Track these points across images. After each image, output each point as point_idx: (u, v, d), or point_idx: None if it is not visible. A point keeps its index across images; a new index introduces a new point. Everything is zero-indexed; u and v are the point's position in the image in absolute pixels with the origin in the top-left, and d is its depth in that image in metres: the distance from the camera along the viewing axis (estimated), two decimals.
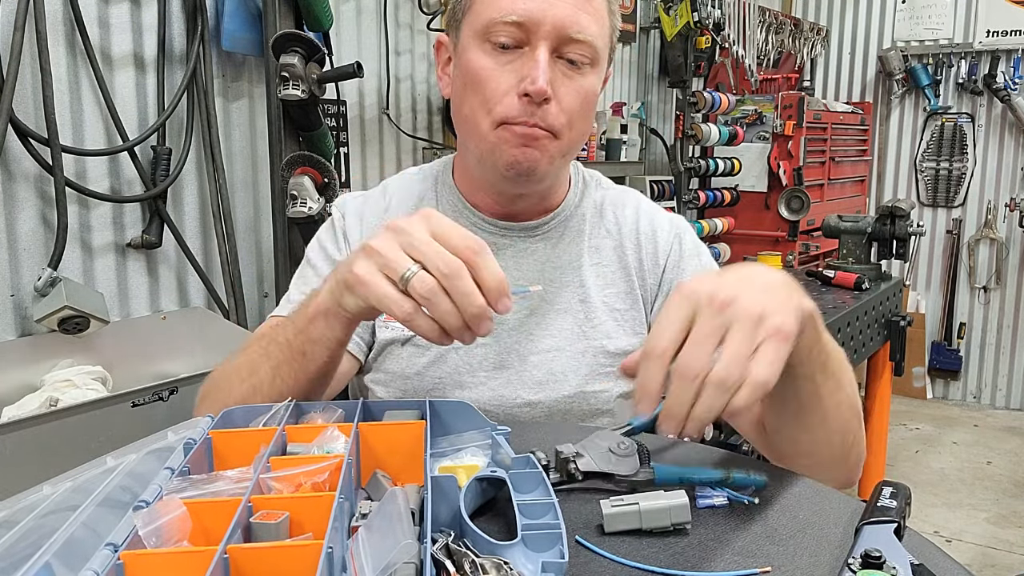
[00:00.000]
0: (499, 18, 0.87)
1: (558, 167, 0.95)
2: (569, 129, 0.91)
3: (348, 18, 2.51)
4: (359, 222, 1.03)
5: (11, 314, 1.73)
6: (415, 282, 0.63)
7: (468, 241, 0.64)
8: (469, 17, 0.91)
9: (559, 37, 0.87)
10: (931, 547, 0.59)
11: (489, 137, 0.90)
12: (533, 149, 0.90)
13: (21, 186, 1.73)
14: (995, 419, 4.30)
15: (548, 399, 0.96)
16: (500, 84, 0.88)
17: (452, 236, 0.64)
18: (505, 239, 1.01)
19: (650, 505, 0.61)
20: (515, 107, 0.88)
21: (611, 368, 0.99)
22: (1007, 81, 4.23)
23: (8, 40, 1.62)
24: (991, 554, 2.88)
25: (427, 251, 0.63)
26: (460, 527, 0.54)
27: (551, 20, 0.86)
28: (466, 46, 0.91)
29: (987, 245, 4.42)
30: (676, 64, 3.07)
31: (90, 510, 0.50)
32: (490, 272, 0.63)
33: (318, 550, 0.44)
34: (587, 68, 0.91)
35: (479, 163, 0.95)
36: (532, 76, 0.86)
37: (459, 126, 0.97)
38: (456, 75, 0.95)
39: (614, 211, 1.05)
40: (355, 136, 2.57)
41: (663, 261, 1.03)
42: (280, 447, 0.63)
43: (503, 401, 0.96)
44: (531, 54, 0.87)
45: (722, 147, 3.52)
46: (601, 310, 1.00)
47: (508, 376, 0.97)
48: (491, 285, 0.63)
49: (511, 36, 0.87)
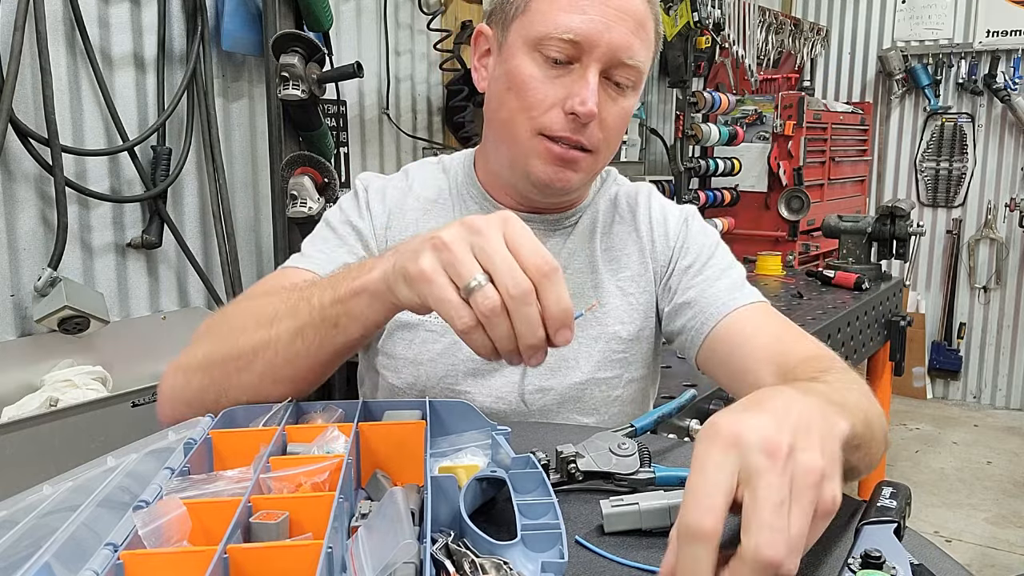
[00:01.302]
0: (556, 34, 0.86)
1: (589, 182, 0.98)
2: (606, 147, 0.93)
3: (348, 18, 2.51)
4: (382, 198, 1.02)
5: (11, 314, 1.73)
6: (479, 296, 0.57)
7: (540, 260, 0.58)
8: (522, 20, 0.90)
9: (611, 60, 0.87)
10: (931, 547, 0.59)
11: (526, 144, 0.90)
12: (568, 171, 0.91)
13: (21, 186, 1.73)
14: (995, 419, 4.30)
15: (560, 385, 0.97)
16: (547, 96, 0.88)
17: (526, 249, 0.59)
18: None
19: (650, 505, 0.61)
20: (560, 122, 0.88)
21: (623, 354, 0.99)
22: (1007, 81, 4.23)
23: (8, 40, 1.62)
24: (991, 554, 2.88)
25: (499, 264, 0.58)
26: (460, 527, 0.54)
27: (607, 43, 0.86)
28: (514, 50, 0.90)
29: (987, 245, 4.42)
30: (676, 64, 3.07)
31: (90, 510, 0.50)
32: (557, 300, 0.58)
33: (318, 550, 0.44)
34: (630, 91, 0.92)
35: (510, 166, 0.95)
36: (582, 97, 0.86)
37: (493, 127, 0.96)
38: (499, 75, 0.93)
39: (627, 200, 1.06)
40: (355, 136, 2.57)
41: (673, 242, 1.03)
42: (280, 447, 0.63)
43: (515, 388, 0.96)
44: (582, 73, 0.87)
45: (722, 147, 3.52)
46: (614, 295, 1.00)
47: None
48: (555, 314, 0.58)
49: (564, 52, 0.87)
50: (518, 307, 0.57)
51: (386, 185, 1.04)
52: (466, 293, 0.58)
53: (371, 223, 1.00)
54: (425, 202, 1.02)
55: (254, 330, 0.75)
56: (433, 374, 0.96)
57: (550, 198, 0.97)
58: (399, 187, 1.04)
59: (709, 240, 1.04)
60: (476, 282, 0.58)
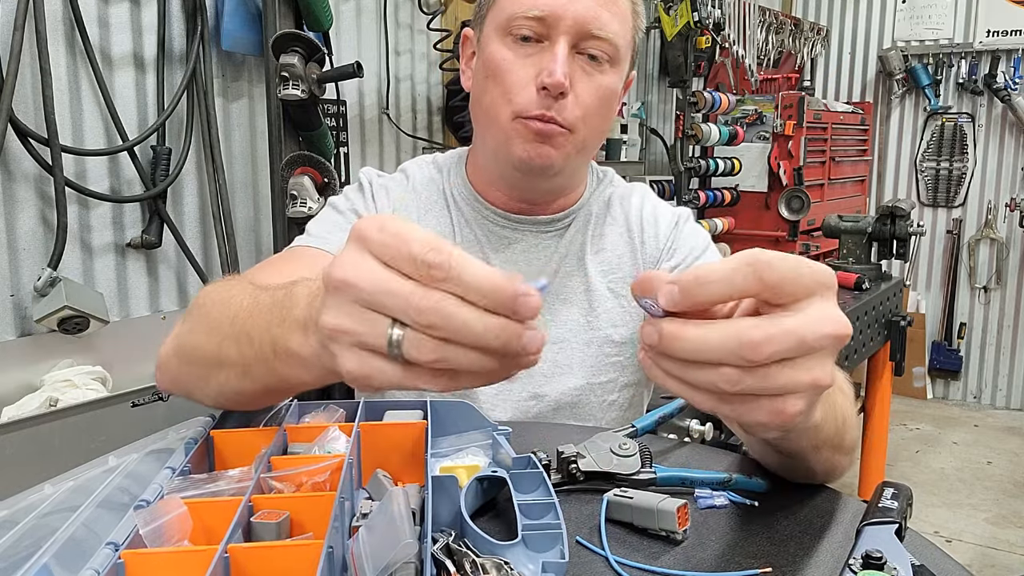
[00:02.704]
0: (521, 12, 0.88)
1: (574, 163, 0.95)
2: (584, 124, 0.91)
3: (348, 18, 2.51)
4: (386, 193, 1.03)
5: (11, 314, 1.73)
6: (409, 350, 0.43)
7: (417, 248, 0.43)
8: (493, 11, 0.93)
9: (579, 32, 0.88)
10: (932, 548, 0.59)
11: (506, 128, 0.91)
12: (547, 146, 0.90)
13: (21, 186, 1.73)
14: (995, 419, 4.30)
15: (555, 391, 0.97)
16: (520, 76, 0.89)
17: (399, 250, 0.43)
18: (517, 233, 1.01)
19: (642, 503, 0.61)
20: (532, 99, 0.88)
21: (617, 358, 0.99)
22: (1007, 81, 4.23)
23: (8, 40, 1.62)
24: (991, 554, 2.88)
25: (391, 302, 0.43)
26: (461, 527, 0.54)
27: (572, 15, 0.87)
28: (488, 39, 0.93)
29: (987, 245, 4.42)
30: (676, 64, 3.07)
31: (90, 510, 0.50)
32: (472, 275, 0.42)
33: (318, 550, 0.44)
34: (606, 66, 0.91)
35: (494, 156, 0.96)
36: (549, 68, 0.86)
37: (477, 118, 0.98)
38: (478, 67, 0.96)
39: (620, 202, 1.06)
40: (355, 136, 2.57)
41: (663, 243, 1.03)
42: (281, 447, 0.63)
43: (510, 396, 0.96)
44: (551, 48, 0.88)
45: (722, 147, 3.52)
46: (606, 298, 1.00)
47: None
48: (486, 288, 0.42)
49: (532, 30, 0.88)
50: (449, 325, 0.42)
51: (388, 181, 1.05)
52: (394, 353, 0.44)
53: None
54: (426, 201, 1.03)
55: (218, 342, 0.64)
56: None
57: (535, 180, 0.96)
58: (401, 185, 1.05)
59: (699, 242, 1.04)
60: (393, 337, 0.43)
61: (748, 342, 0.43)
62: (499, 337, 0.43)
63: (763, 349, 0.43)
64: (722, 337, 0.44)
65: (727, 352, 0.44)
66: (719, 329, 0.44)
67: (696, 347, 0.44)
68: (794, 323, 0.44)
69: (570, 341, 0.98)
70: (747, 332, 0.44)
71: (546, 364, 0.97)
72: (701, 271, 0.45)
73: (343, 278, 0.44)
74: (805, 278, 0.45)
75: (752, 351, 0.43)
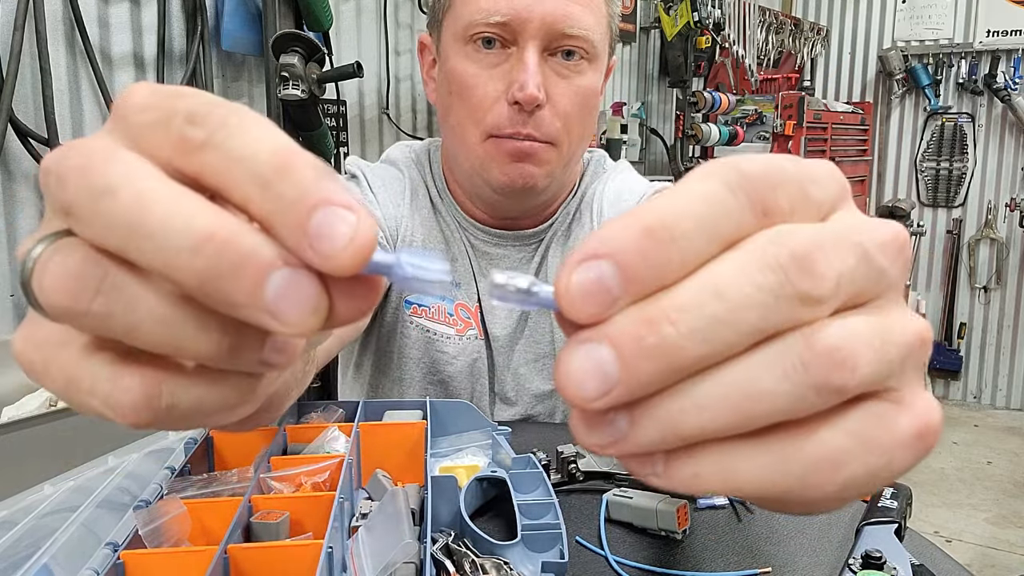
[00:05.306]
0: (481, 19, 0.78)
1: (560, 177, 0.87)
2: (566, 134, 0.82)
3: (348, 18, 2.51)
4: (383, 184, 0.93)
5: (11, 314, 1.73)
6: (45, 281, 0.21)
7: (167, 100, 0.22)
8: (450, 16, 0.83)
9: (549, 34, 0.78)
10: (932, 548, 0.59)
11: (478, 151, 0.82)
12: (527, 164, 0.81)
13: (21, 186, 1.73)
14: (995, 419, 4.30)
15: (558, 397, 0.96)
16: (488, 91, 0.80)
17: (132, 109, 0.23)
18: (500, 248, 0.94)
19: (641, 503, 0.61)
20: (504, 116, 0.79)
21: None
22: (1007, 81, 4.23)
23: (8, 40, 1.62)
24: (991, 554, 2.88)
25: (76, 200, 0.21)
26: (460, 527, 0.54)
27: (539, 16, 0.77)
28: (448, 50, 0.83)
29: (987, 245, 4.42)
30: (676, 64, 3.07)
31: (90, 510, 0.50)
32: (247, 141, 0.21)
33: (318, 550, 0.44)
34: (584, 64, 0.81)
35: (470, 179, 0.88)
36: (521, 82, 0.77)
37: (447, 137, 0.89)
38: (441, 81, 0.86)
39: (593, 197, 0.97)
40: (355, 136, 2.57)
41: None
42: (280, 447, 0.63)
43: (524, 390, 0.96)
44: (519, 56, 0.79)
45: (722, 147, 3.52)
46: None
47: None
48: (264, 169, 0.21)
49: (496, 37, 0.79)
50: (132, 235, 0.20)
51: (385, 174, 0.96)
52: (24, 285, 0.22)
53: (379, 211, 0.91)
54: (421, 197, 0.95)
55: None
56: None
57: (521, 202, 0.88)
58: (396, 177, 0.96)
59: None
60: (29, 258, 0.22)
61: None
62: (207, 264, 0.20)
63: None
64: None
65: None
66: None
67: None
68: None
69: (550, 356, 0.94)
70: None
71: (537, 378, 0.95)
72: (655, 212, 0.21)
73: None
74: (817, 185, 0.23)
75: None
